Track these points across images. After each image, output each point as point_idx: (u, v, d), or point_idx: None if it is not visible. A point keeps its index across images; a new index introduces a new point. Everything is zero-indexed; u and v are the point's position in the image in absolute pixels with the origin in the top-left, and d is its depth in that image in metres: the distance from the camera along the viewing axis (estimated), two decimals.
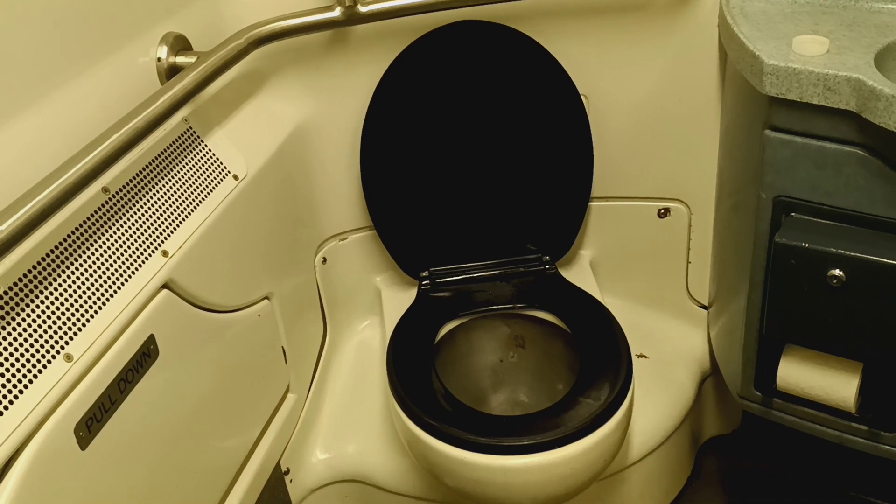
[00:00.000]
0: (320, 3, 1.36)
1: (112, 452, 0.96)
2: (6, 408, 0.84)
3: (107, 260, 1.01)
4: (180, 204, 1.15)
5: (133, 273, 1.03)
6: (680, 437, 1.62)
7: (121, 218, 1.06)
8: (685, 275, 1.68)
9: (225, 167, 1.26)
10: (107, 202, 1.05)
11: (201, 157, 1.23)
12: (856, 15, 1.26)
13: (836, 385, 1.26)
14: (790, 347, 1.30)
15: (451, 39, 1.44)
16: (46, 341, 0.90)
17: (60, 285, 0.95)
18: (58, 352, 0.91)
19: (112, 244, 1.03)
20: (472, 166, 1.53)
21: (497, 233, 1.58)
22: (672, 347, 1.69)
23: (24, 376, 0.87)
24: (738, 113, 1.36)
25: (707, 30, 1.42)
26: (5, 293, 0.89)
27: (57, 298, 0.94)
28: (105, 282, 1.00)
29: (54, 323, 0.92)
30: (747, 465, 1.72)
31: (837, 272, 1.16)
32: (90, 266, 0.99)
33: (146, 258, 1.06)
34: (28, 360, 0.88)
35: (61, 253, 0.96)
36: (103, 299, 0.98)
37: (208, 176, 1.22)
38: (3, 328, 0.87)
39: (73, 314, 0.94)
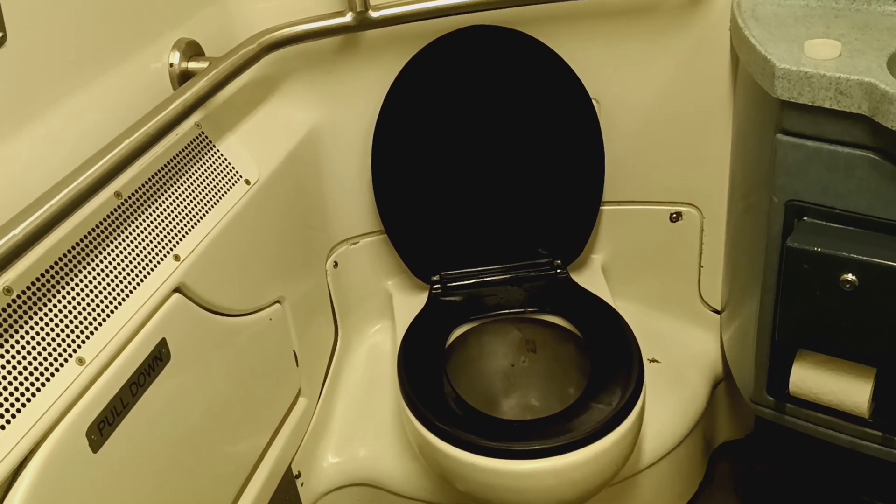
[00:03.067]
0: (332, 9, 1.37)
1: (124, 456, 0.96)
2: (19, 410, 0.84)
3: (119, 264, 1.02)
4: (192, 208, 1.16)
5: (145, 277, 1.04)
6: (692, 442, 1.62)
7: (133, 222, 1.07)
8: (697, 279, 1.68)
9: (237, 172, 1.27)
10: (119, 206, 1.06)
11: (213, 162, 1.24)
12: (868, 18, 1.25)
13: (849, 390, 1.25)
14: (803, 352, 1.29)
15: (462, 44, 1.45)
16: (59, 344, 0.91)
17: (73, 289, 0.95)
18: (70, 355, 0.91)
19: (124, 248, 1.04)
20: (483, 170, 1.53)
21: (508, 237, 1.58)
22: (684, 352, 1.69)
23: (37, 379, 0.87)
24: (749, 116, 1.35)
25: (718, 33, 1.41)
26: (19, 297, 0.89)
27: (69, 302, 0.94)
28: (117, 286, 1.00)
29: (67, 326, 0.93)
30: (760, 470, 1.71)
31: (850, 276, 1.15)
32: (102, 270, 1.00)
33: (158, 262, 1.07)
34: (41, 364, 0.88)
35: (74, 257, 0.97)
36: (115, 303, 0.99)
37: (220, 180, 1.23)
38: (17, 331, 0.88)
39: (85, 318, 0.95)
